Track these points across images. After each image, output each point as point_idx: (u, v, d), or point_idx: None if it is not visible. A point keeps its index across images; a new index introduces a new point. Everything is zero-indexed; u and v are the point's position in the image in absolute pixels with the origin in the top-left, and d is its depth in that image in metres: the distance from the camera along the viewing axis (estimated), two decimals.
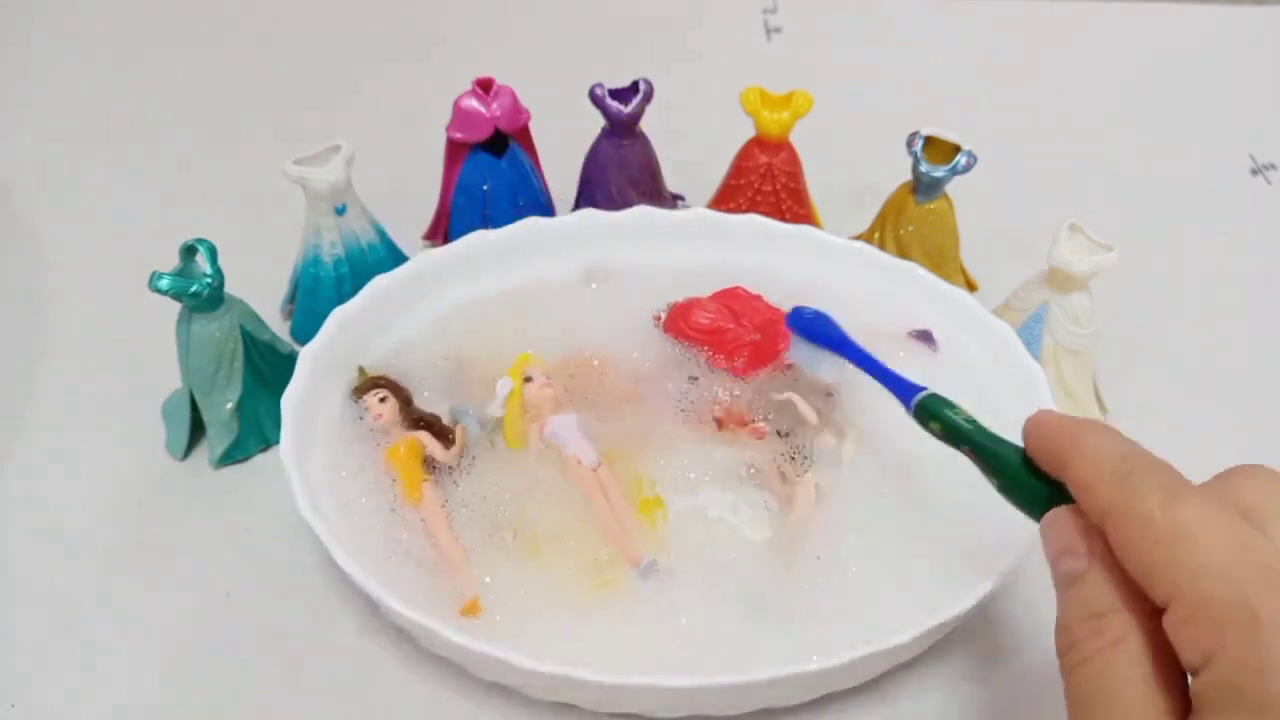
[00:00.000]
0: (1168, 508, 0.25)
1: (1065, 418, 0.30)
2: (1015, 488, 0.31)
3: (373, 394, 0.43)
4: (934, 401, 0.35)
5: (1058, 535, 0.28)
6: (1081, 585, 0.27)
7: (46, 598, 0.41)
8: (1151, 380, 0.51)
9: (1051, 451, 0.29)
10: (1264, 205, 0.63)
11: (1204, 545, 0.24)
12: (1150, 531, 0.25)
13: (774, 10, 0.78)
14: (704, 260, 0.50)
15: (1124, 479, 0.26)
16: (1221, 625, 0.23)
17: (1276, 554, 0.24)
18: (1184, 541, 0.24)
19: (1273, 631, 0.22)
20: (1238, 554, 0.24)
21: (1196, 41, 0.77)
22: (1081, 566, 0.27)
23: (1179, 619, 0.24)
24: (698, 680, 0.33)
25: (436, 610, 0.37)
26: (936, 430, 0.35)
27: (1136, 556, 0.25)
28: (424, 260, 0.48)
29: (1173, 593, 0.24)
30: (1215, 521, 0.25)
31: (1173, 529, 0.25)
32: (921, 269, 0.48)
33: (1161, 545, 0.25)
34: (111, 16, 0.77)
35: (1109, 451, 0.28)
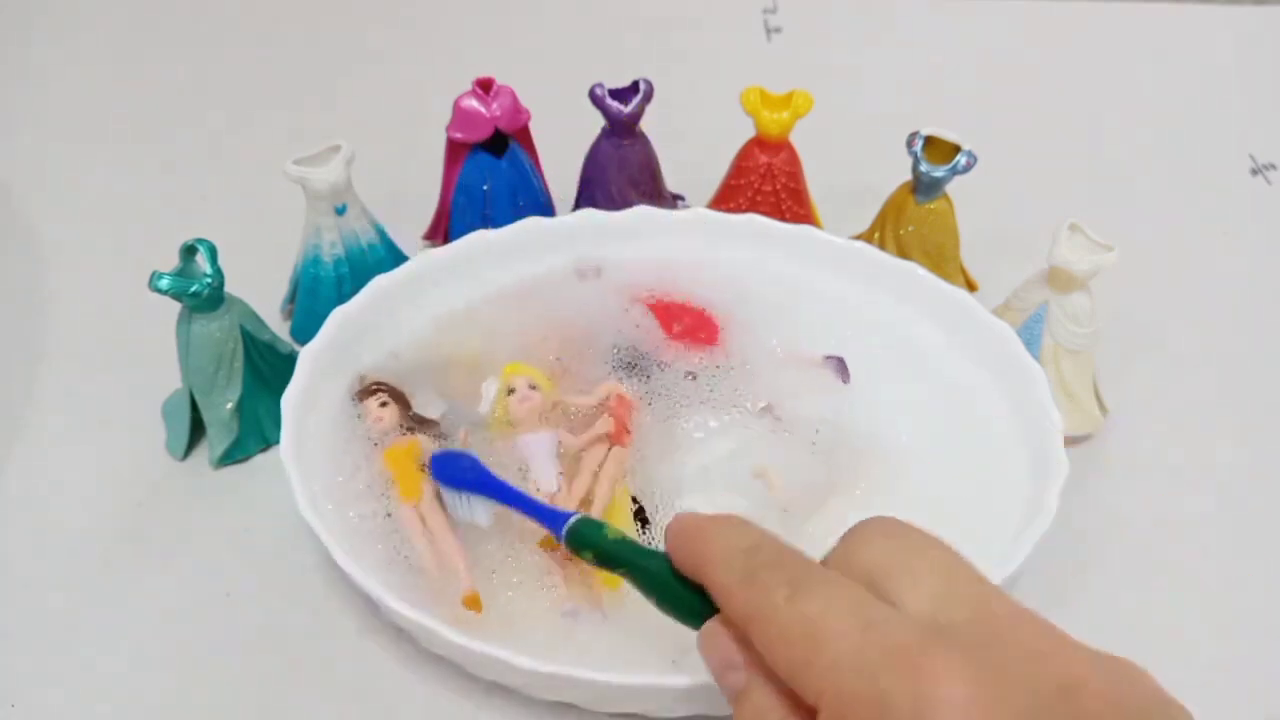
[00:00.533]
0: (791, 604, 0.25)
1: (701, 517, 0.29)
2: (670, 601, 0.30)
3: (374, 398, 0.43)
4: (584, 526, 0.34)
5: (714, 649, 0.27)
6: (747, 699, 0.26)
7: (46, 598, 0.41)
8: (1151, 380, 0.51)
9: (689, 556, 0.29)
10: (1264, 205, 0.63)
11: (831, 638, 0.24)
12: (781, 633, 0.25)
13: (774, 10, 0.78)
14: (703, 260, 0.50)
15: (751, 578, 0.26)
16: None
17: (901, 624, 0.24)
18: (813, 637, 0.24)
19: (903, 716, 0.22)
20: (863, 639, 0.24)
21: (1196, 41, 0.77)
22: (742, 679, 0.26)
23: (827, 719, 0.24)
24: (698, 680, 0.33)
25: (436, 610, 0.37)
26: (589, 559, 0.33)
27: (777, 660, 0.25)
28: (424, 260, 0.48)
29: (817, 696, 0.24)
30: (838, 608, 0.24)
31: (801, 626, 0.24)
32: (921, 269, 0.48)
33: (794, 646, 0.24)
34: (111, 16, 0.77)
35: (736, 548, 0.27)
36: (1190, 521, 0.45)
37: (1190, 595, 0.42)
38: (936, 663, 0.23)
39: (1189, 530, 0.45)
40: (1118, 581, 0.42)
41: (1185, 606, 0.42)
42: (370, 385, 0.44)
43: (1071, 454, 0.40)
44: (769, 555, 0.27)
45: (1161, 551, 0.44)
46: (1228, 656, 0.40)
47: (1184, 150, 0.67)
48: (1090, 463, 0.46)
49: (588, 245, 0.50)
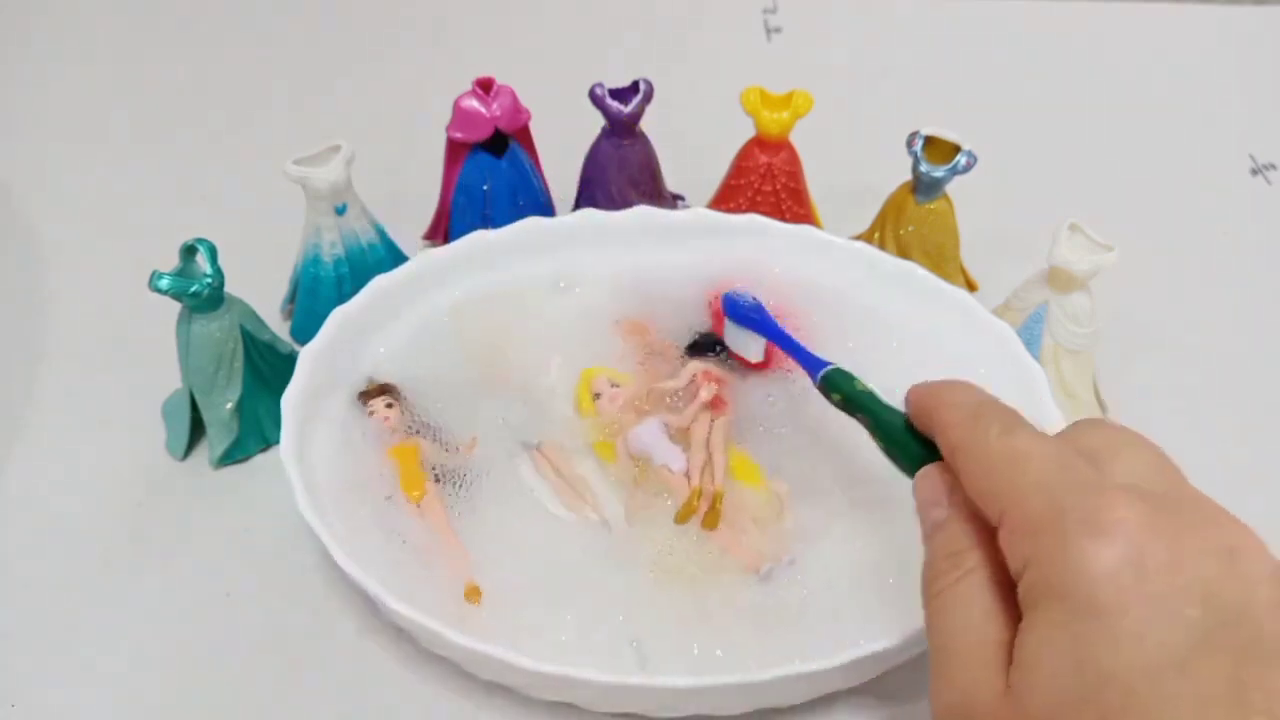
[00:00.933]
0: (1002, 438, 0.28)
1: (939, 382, 0.33)
2: (898, 448, 0.34)
3: (380, 399, 0.43)
4: (837, 375, 0.38)
5: (925, 488, 0.31)
6: (944, 529, 0.29)
7: (46, 598, 0.41)
8: (1151, 380, 0.51)
9: (924, 408, 0.32)
10: (1264, 205, 0.63)
11: (1029, 467, 0.27)
12: (987, 458, 0.28)
13: (774, 10, 0.78)
14: (704, 260, 0.50)
15: (973, 418, 0.29)
16: (1037, 532, 0.25)
17: (1094, 473, 0.26)
18: (1013, 464, 0.27)
19: (1076, 530, 0.24)
20: (1056, 472, 0.26)
21: (1196, 41, 0.77)
22: (944, 514, 0.29)
23: (1007, 532, 0.26)
24: (698, 680, 0.33)
25: (437, 610, 0.36)
26: (838, 401, 0.37)
27: (976, 482, 0.28)
28: (424, 260, 0.48)
29: (1003, 510, 0.27)
30: (1042, 448, 0.27)
31: (1005, 454, 0.27)
32: (921, 269, 0.48)
33: (995, 470, 0.27)
34: (111, 16, 0.77)
35: (965, 399, 0.31)
36: None
37: None
38: (1118, 495, 0.25)
39: None
40: None
41: None
42: (378, 386, 0.44)
43: None
44: (991, 405, 0.30)
45: None
46: None
47: (1184, 150, 0.67)
48: None
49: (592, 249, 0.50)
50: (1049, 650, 0.24)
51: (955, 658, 0.27)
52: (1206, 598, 0.23)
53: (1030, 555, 0.25)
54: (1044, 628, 0.24)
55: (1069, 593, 0.24)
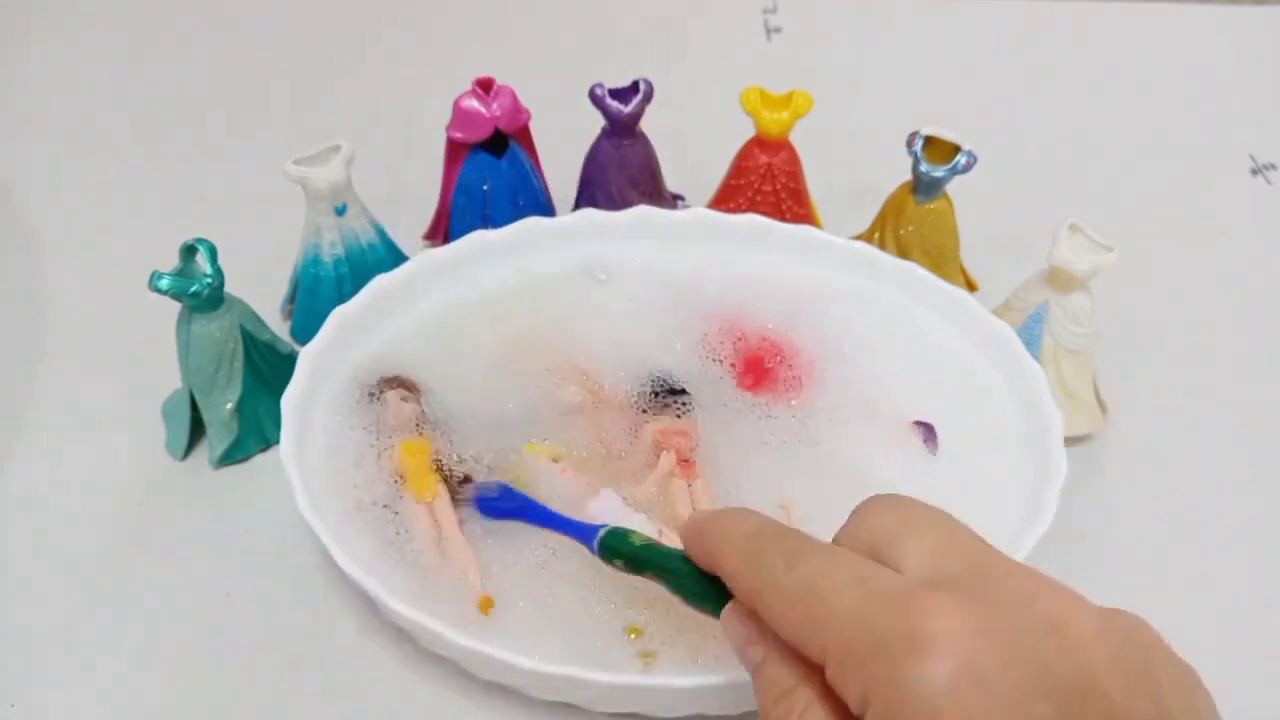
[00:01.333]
0: (790, 571, 0.26)
1: (711, 514, 0.31)
2: (695, 595, 0.31)
3: (395, 391, 0.43)
4: (613, 538, 0.35)
5: (734, 629, 0.29)
6: (764, 669, 0.28)
7: (46, 598, 0.41)
8: (1151, 380, 0.51)
9: (702, 547, 0.30)
10: (1264, 205, 0.63)
11: (827, 594, 0.25)
12: (783, 599, 0.26)
13: (774, 10, 0.78)
14: (704, 260, 0.50)
15: (754, 556, 0.28)
16: (864, 667, 0.24)
17: (894, 577, 0.25)
18: (811, 597, 0.25)
19: (902, 657, 0.23)
20: (856, 591, 0.25)
21: (1196, 41, 0.77)
22: (760, 654, 0.28)
23: (834, 671, 0.25)
24: (698, 680, 0.33)
25: (436, 610, 0.37)
26: (620, 565, 0.34)
27: (781, 624, 0.26)
28: (424, 260, 0.48)
29: (821, 650, 0.25)
30: (833, 568, 0.26)
31: (799, 589, 0.26)
32: (921, 269, 0.48)
33: (795, 608, 0.26)
34: (111, 16, 0.77)
35: (740, 534, 0.29)
36: (1190, 521, 0.45)
37: (1191, 595, 0.42)
38: (928, 601, 0.24)
39: (1189, 530, 0.45)
40: (1118, 581, 0.42)
41: (1186, 606, 0.42)
42: (392, 377, 0.44)
43: (1071, 454, 0.40)
44: (770, 534, 0.28)
45: (1161, 551, 0.44)
46: (1228, 656, 0.40)
47: (1184, 150, 0.67)
48: (1090, 463, 0.46)
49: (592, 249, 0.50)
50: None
51: None
52: (1050, 688, 0.23)
53: (866, 692, 0.24)
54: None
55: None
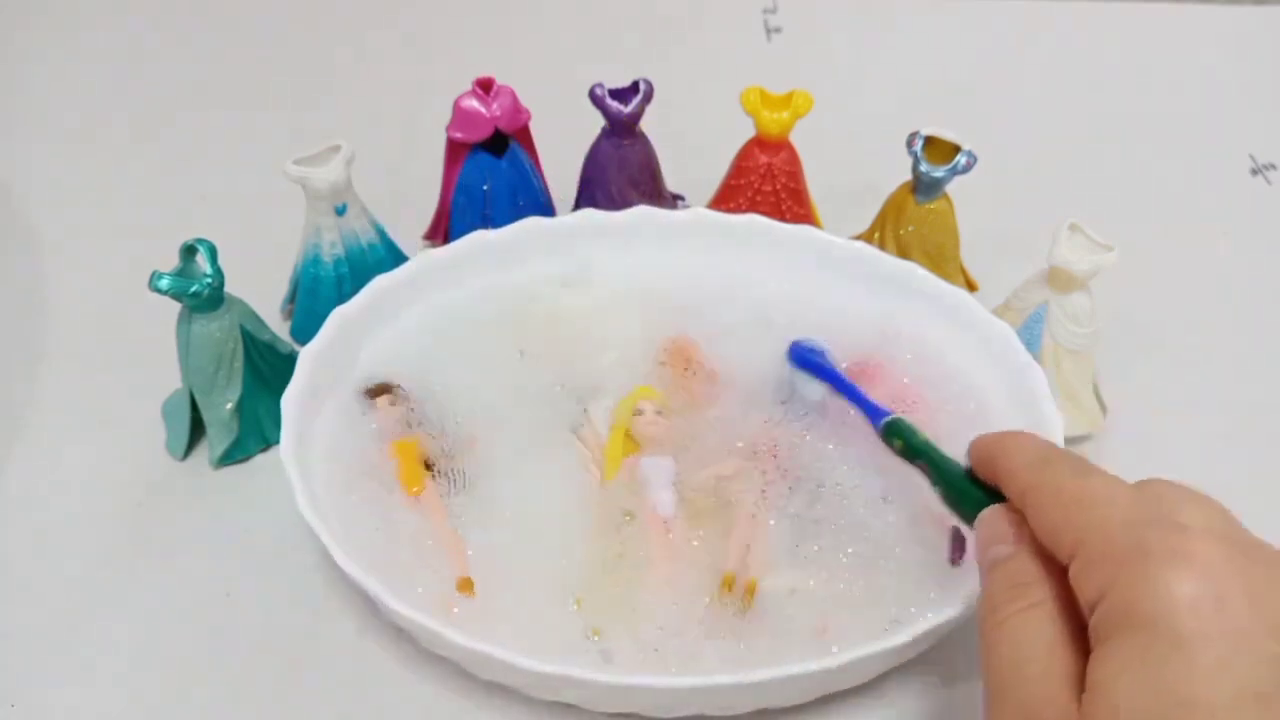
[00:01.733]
0: (1075, 479, 0.29)
1: (1005, 431, 0.34)
2: (959, 495, 0.35)
3: (384, 397, 0.44)
4: (898, 424, 0.39)
5: (989, 527, 0.31)
6: (1009, 563, 0.29)
7: (46, 598, 0.41)
8: (1151, 380, 0.51)
9: (988, 455, 0.33)
10: (1264, 205, 0.63)
11: (1105, 504, 0.27)
12: (1060, 497, 0.28)
13: (774, 10, 0.78)
14: (704, 260, 0.50)
15: (1043, 462, 0.30)
16: (1116, 563, 0.26)
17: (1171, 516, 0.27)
18: (1087, 502, 0.28)
19: (1159, 561, 0.25)
20: (1132, 510, 0.27)
21: (1196, 41, 0.77)
22: (1008, 551, 0.30)
23: (1081, 566, 0.27)
24: (698, 680, 0.33)
25: (436, 610, 0.37)
26: (898, 447, 0.38)
27: (1048, 520, 0.28)
28: (424, 260, 0.48)
29: (1076, 545, 0.27)
30: (1116, 488, 0.28)
31: (1079, 493, 0.28)
32: (921, 269, 0.48)
33: (1069, 507, 0.28)
34: (111, 16, 0.77)
35: (1032, 446, 0.32)
36: None
37: None
38: (1198, 534, 0.25)
39: None
40: None
41: None
42: (380, 385, 0.44)
43: None
44: (1063, 451, 0.31)
45: None
46: None
47: (1184, 150, 0.67)
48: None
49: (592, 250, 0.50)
50: (1128, 678, 0.24)
51: (1021, 687, 0.26)
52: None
53: (1107, 584, 0.25)
54: (1122, 656, 0.24)
55: (1150, 621, 0.24)
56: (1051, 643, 0.27)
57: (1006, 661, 0.27)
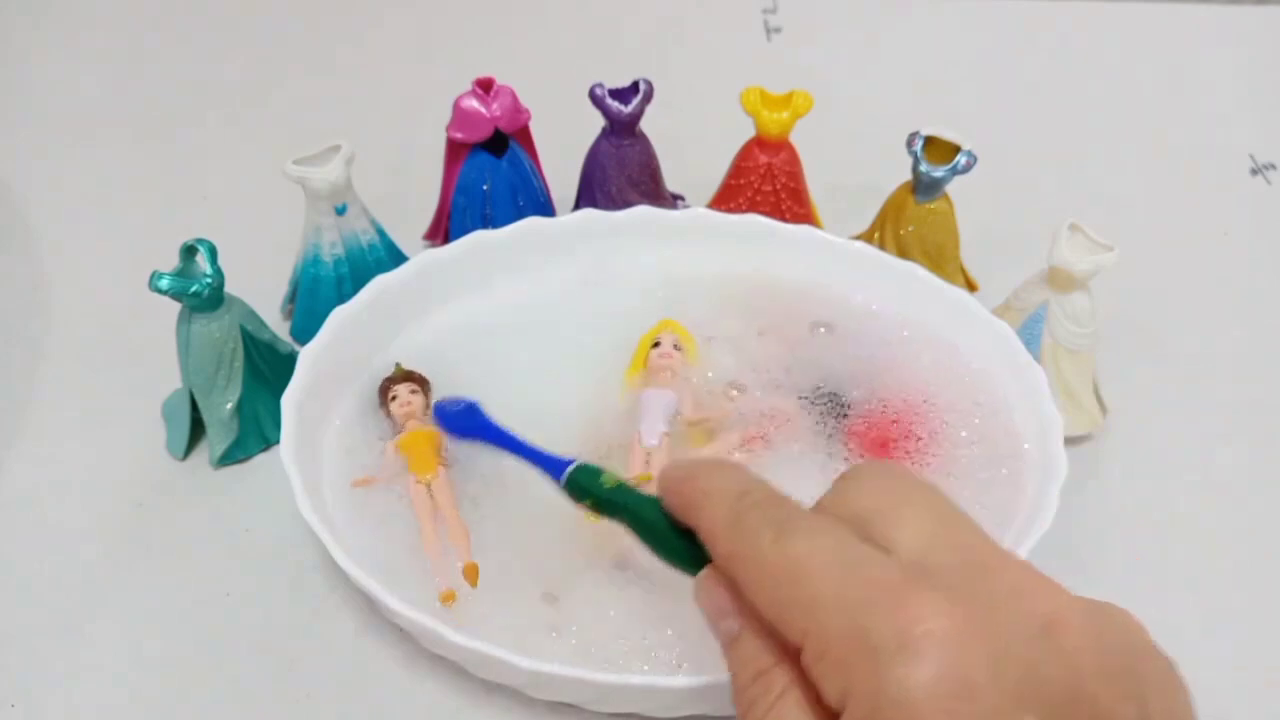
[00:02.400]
0: (777, 545, 0.25)
1: (694, 462, 0.30)
2: (666, 549, 0.30)
3: (405, 385, 0.44)
4: (583, 474, 0.33)
5: (708, 597, 0.28)
6: (740, 645, 0.26)
7: (46, 598, 0.41)
8: (1151, 380, 0.51)
9: (680, 500, 0.29)
10: (1264, 205, 0.63)
11: (814, 576, 0.24)
12: (766, 573, 0.25)
13: (774, 10, 0.78)
14: (704, 260, 0.50)
15: (738, 521, 0.26)
16: (845, 663, 0.23)
17: (885, 564, 0.24)
18: (796, 577, 0.24)
19: (888, 655, 0.22)
20: (845, 577, 0.24)
21: (1196, 41, 0.77)
22: (735, 627, 0.27)
23: (811, 660, 0.24)
24: (698, 680, 0.33)
25: (436, 609, 0.37)
26: (589, 505, 0.33)
27: (762, 601, 0.25)
28: (424, 260, 0.48)
29: (801, 633, 0.24)
30: (822, 548, 0.24)
31: (784, 566, 0.24)
32: (921, 269, 0.48)
33: (779, 586, 0.25)
34: (111, 16, 0.77)
35: (726, 492, 0.27)
36: (1190, 521, 0.45)
37: (1190, 595, 0.42)
38: (919, 599, 0.23)
39: (1188, 530, 0.45)
40: (1117, 581, 0.42)
41: (1185, 606, 0.42)
42: (404, 371, 0.45)
43: (1071, 454, 0.40)
44: (757, 498, 0.27)
45: (1161, 551, 0.44)
46: (1228, 656, 0.40)
47: (1184, 150, 0.67)
48: (1090, 463, 0.46)
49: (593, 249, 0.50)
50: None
51: None
52: (1038, 694, 0.22)
53: (846, 688, 0.23)
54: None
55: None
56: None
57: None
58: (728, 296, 0.49)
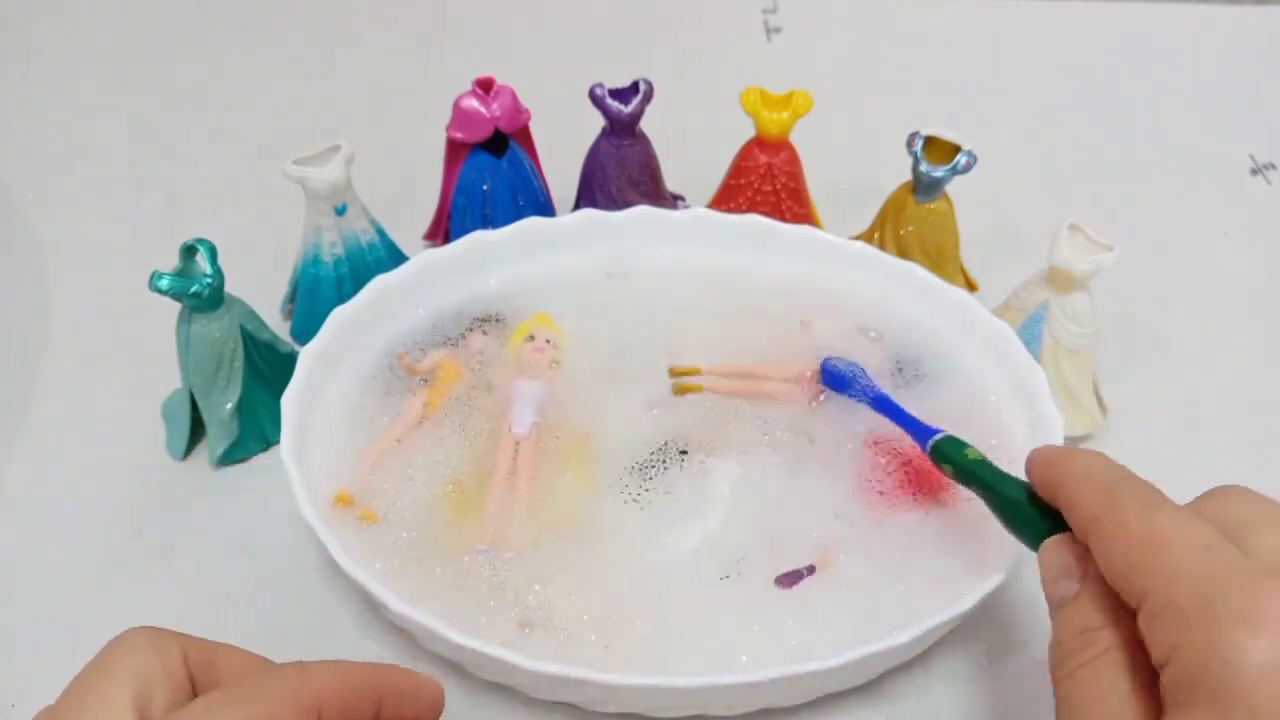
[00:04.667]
0: (1143, 516, 0.27)
1: (1065, 448, 0.32)
2: (1018, 520, 0.33)
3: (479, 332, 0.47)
4: (948, 444, 0.37)
5: (1053, 561, 0.30)
6: (1074, 605, 0.28)
7: (46, 598, 0.41)
8: (1151, 380, 0.51)
9: (1048, 476, 0.31)
10: (1264, 205, 0.63)
11: (1173, 548, 0.26)
12: (1126, 537, 0.27)
13: (774, 10, 0.78)
14: (704, 260, 0.50)
15: (1107, 492, 0.28)
16: (1183, 622, 0.24)
17: (1243, 558, 0.25)
18: (1155, 545, 0.26)
19: (1229, 622, 0.23)
20: (1203, 557, 0.25)
21: (1197, 41, 0.77)
22: (1074, 589, 0.29)
23: (1148, 617, 0.25)
24: (698, 680, 0.33)
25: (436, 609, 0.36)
26: (949, 471, 0.37)
27: (1114, 561, 0.27)
28: (424, 260, 0.48)
29: (1143, 593, 0.26)
30: (1185, 527, 0.26)
31: (1146, 535, 0.26)
32: (921, 269, 0.48)
33: (1135, 549, 0.26)
34: (111, 16, 0.77)
35: (1097, 470, 0.30)
36: None
37: None
38: (1272, 586, 0.24)
39: None
40: None
41: None
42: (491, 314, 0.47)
43: None
44: (1128, 479, 0.29)
45: None
46: None
47: (1184, 150, 0.67)
48: None
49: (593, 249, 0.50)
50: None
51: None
52: None
53: (1176, 645, 0.24)
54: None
55: (1221, 693, 0.23)
56: (1123, 699, 0.25)
57: (1079, 712, 0.26)
58: (727, 297, 0.49)
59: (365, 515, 0.40)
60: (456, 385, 0.45)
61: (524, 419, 0.43)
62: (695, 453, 0.42)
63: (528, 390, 0.44)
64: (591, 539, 0.39)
